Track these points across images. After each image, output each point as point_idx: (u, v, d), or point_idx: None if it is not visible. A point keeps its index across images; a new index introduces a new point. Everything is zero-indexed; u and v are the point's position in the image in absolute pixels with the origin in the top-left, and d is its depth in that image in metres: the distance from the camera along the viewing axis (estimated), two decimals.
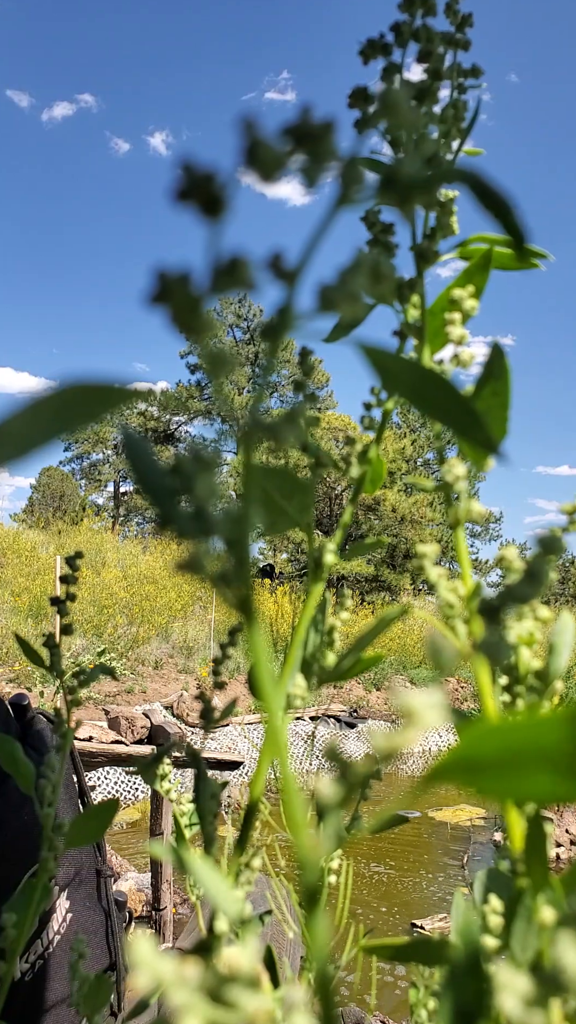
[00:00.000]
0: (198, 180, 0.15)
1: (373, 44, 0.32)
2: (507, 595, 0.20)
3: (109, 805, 0.45)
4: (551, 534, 0.22)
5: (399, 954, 0.33)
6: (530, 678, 0.32)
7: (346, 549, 0.36)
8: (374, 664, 0.36)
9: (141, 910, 4.09)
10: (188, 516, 0.17)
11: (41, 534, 15.63)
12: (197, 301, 0.15)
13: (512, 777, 0.17)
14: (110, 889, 1.00)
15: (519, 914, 0.29)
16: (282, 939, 1.94)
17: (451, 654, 0.21)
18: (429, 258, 0.33)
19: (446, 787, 0.19)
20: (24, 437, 0.14)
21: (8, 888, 0.43)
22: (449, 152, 0.35)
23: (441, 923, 4.50)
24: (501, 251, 0.36)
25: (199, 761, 0.34)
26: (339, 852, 0.47)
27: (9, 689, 7.75)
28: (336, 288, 0.16)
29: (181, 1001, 0.15)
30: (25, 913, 0.42)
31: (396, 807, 0.33)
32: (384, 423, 0.37)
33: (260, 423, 0.17)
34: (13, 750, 0.43)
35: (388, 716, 10.85)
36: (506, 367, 0.31)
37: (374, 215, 0.34)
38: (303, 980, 0.46)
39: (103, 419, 0.16)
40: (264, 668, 0.18)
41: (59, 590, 0.46)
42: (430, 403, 0.22)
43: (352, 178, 0.16)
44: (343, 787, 0.18)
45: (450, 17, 0.34)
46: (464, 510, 0.31)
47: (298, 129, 0.15)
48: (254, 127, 0.15)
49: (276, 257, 0.16)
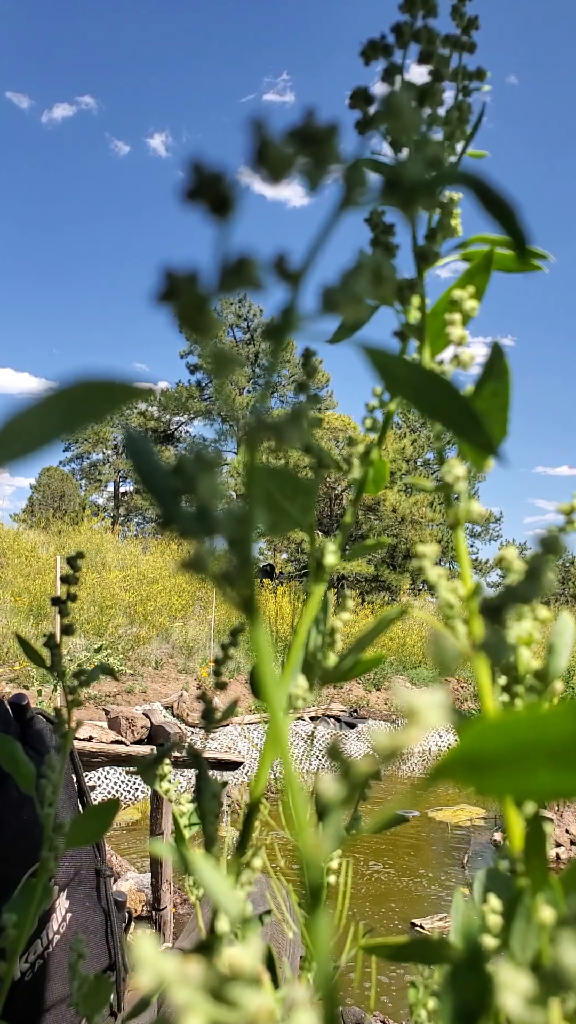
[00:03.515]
0: (207, 180, 0.15)
1: (374, 45, 0.32)
2: (508, 595, 0.21)
3: (109, 805, 0.45)
4: (550, 534, 0.22)
5: (398, 954, 0.33)
6: (529, 678, 0.32)
7: (347, 550, 0.36)
8: (375, 665, 0.36)
9: (141, 910, 4.08)
10: (190, 516, 0.17)
11: (41, 534, 15.62)
12: (204, 300, 0.15)
13: (515, 773, 0.17)
14: (110, 889, 1.00)
15: (518, 914, 0.29)
16: (282, 939, 1.93)
17: (452, 654, 0.21)
18: (430, 259, 0.33)
19: (446, 787, 0.19)
20: (30, 436, 0.14)
21: (8, 888, 0.43)
22: (453, 154, 0.35)
23: (441, 923, 4.50)
24: (502, 252, 0.36)
25: (200, 761, 0.34)
26: (338, 852, 0.47)
27: (9, 689, 7.75)
28: (339, 290, 0.16)
29: (183, 1000, 0.15)
30: (25, 913, 0.42)
31: (396, 806, 0.33)
32: (387, 424, 0.37)
33: (263, 423, 0.17)
34: (13, 750, 0.43)
35: (388, 716, 10.85)
36: (506, 367, 0.31)
37: (378, 216, 0.34)
38: (303, 980, 0.47)
39: (105, 418, 0.16)
40: (267, 668, 0.18)
41: (60, 590, 0.46)
42: (431, 405, 0.22)
43: (355, 181, 0.16)
44: (344, 787, 0.18)
45: (456, 19, 0.34)
46: (464, 510, 0.31)
47: (302, 132, 0.15)
48: (264, 128, 0.15)
49: (280, 258, 0.16)
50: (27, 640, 0.46)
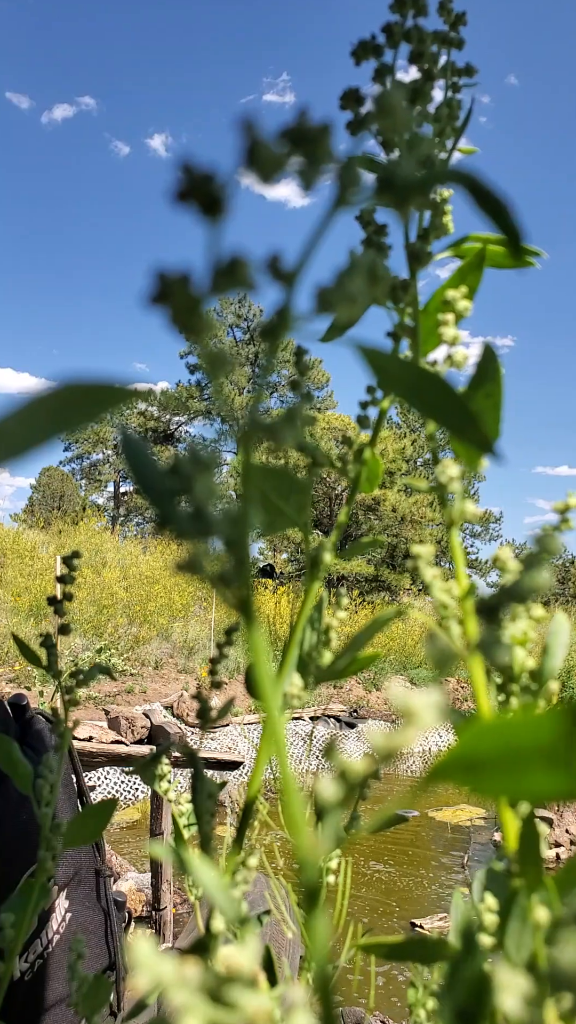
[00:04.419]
0: (198, 180, 0.15)
1: (364, 45, 0.32)
2: (503, 595, 0.21)
3: (107, 805, 0.45)
4: (545, 533, 0.22)
5: (397, 953, 0.33)
6: (525, 678, 0.32)
7: (344, 548, 0.36)
8: (370, 663, 0.36)
9: (141, 910, 4.09)
10: (187, 516, 0.17)
11: (41, 534, 15.63)
12: (197, 301, 0.15)
13: (511, 775, 0.17)
14: (109, 889, 1.00)
15: (513, 914, 0.29)
16: (281, 939, 1.94)
17: (448, 654, 0.21)
18: (423, 259, 0.33)
19: (446, 787, 0.19)
20: (22, 436, 0.14)
21: (7, 888, 0.43)
22: (443, 151, 0.35)
23: (440, 923, 4.50)
24: (495, 249, 0.36)
25: (196, 761, 0.34)
26: (338, 851, 0.47)
27: (9, 689, 7.75)
28: (334, 290, 0.16)
29: (181, 1001, 0.15)
30: (24, 913, 0.42)
31: (395, 806, 0.33)
32: (380, 422, 0.37)
33: (260, 423, 0.17)
34: (11, 750, 0.43)
35: (388, 716, 10.85)
36: (499, 369, 0.31)
37: (369, 215, 0.34)
38: (302, 980, 0.47)
39: (102, 419, 0.16)
40: (263, 667, 0.18)
41: (57, 590, 0.46)
42: (426, 402, 0.22)
43: (349, 180, 0.16)
44: (342, 787, 0.18)
45: (443, 16, 0.34)
46: (459, 511, 0.31)
47: (295, 131, 0.15)
48: (254, 128, 0.15)
49: (275, 258, 0.16)
50: (24, 640, 0.46)
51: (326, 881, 0.45)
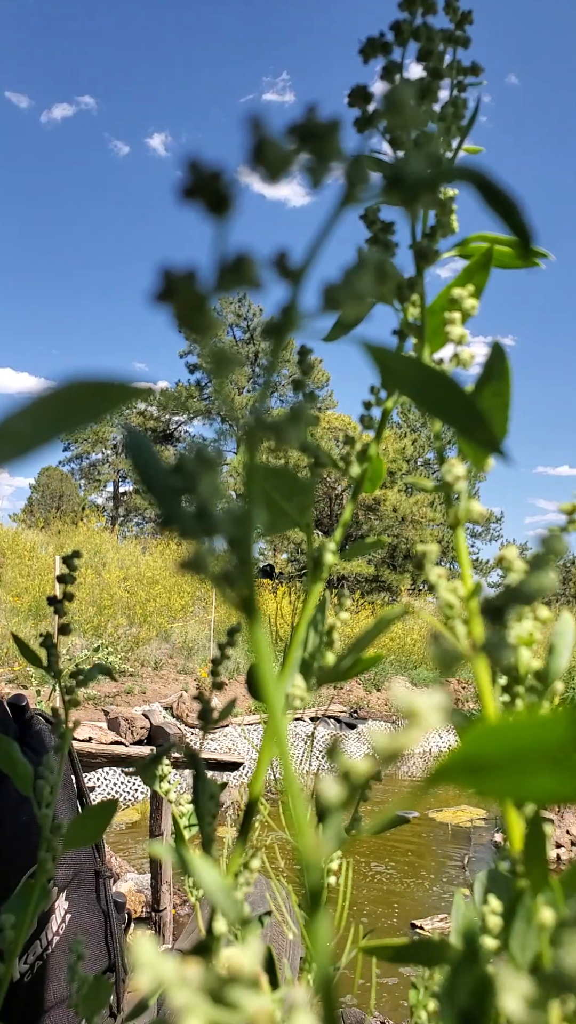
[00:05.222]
0: (204, 178, 0.15)
1: (373, 43, 0.32)
2: (509, 595, 0.20)
3: (107, 806, 0.45)
4: (551, 533, 0.22)
5: (399, 955, 0.33)
6: (530, 679, 0.31)
7: (346, 549, 0.36)
8: (373, 664, 0.36)
9: (141, 911, 4.08)
10: (191, 515, 0.17)
11: (41, 534, 15.63)
12: (202, 299, 0.15)
13: (514, 777, 0.17)
14: (109, 890, 1.00)
15: (518, 915, 0.29)
16: (282, 940, 1.93)
17: (452, 655, 0.21)
18: (429, 257, 0.33)
19: (447, 788, 0.19)
20: (25, 436, 0.14)
21: (7, 889, 0.43)
22: (449, 150, 0.35)
23: (441, 924, 4.49)
24: (501, 249, 0.36)
25: (197, 761, 0.33)
26: (339, 853, 0.47)
27: (8, 690, 7.75)
28: (341, 288, 0.16)
29: (182, 1002, 0.15)
30: (24, 914, 0.42)
31: (396, 807, 0.33)
32: (384, 422, 0.37)
33: (263, 422, 0.17)
34: (11, 751, 0.43)
35: (388, 717, 10.85)
36: (507, 367, 0.31)
37: (374, 213, 0.34)
38: (303, 981, 0.46)
39: (104, 418, 0.16)
40: (265, 668, 0.18)
41: (57, 590, 0.46)
42: (432, 401, 0.22)
43: (358, 177, 0.16)
44: (344, 788, 0.17)
45: (450, 14, 0.34)
46: (464, 510, 0.31)
47: (303, 128, 0.15)
48: (261, 125, 0.15)
49: (281, 256, 0.16)
50: (23, 640, 0.46)
51: (327, 882, 0.45)
